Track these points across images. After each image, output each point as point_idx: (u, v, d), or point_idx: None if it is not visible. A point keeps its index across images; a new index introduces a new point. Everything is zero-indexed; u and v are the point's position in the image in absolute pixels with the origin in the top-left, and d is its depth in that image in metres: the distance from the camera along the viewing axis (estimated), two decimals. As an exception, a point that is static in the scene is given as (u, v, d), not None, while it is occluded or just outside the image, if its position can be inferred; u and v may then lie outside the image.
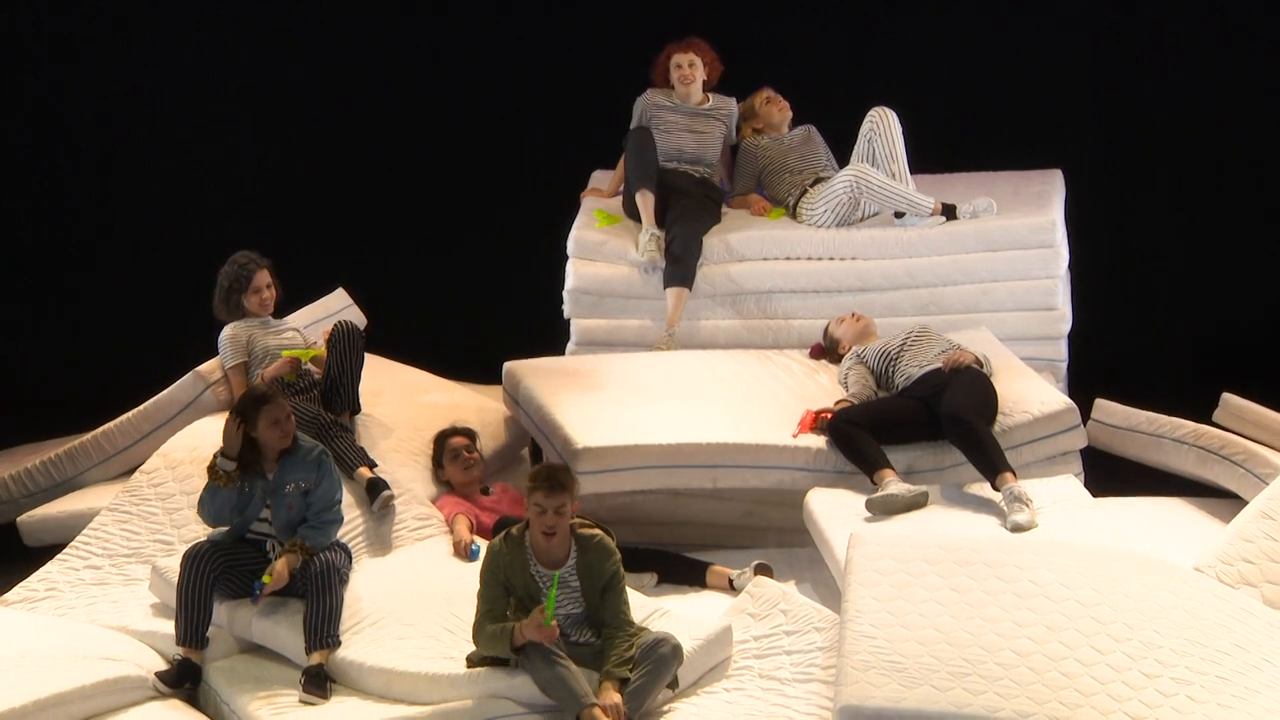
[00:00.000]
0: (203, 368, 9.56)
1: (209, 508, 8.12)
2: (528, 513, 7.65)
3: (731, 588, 8.61)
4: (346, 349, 9.21)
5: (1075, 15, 11.68)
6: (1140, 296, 11.34)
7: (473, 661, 7.65)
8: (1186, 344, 11.19)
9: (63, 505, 9.44)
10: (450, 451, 9.15)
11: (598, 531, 7.73)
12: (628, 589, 7.77)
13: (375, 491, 8.74)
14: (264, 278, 9.41)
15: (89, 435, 9.64)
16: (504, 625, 7.53)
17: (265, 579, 7.91)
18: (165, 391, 9.56)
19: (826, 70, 11.14)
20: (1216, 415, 9.38)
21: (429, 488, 9.16)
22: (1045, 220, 10.08)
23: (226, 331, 9.43)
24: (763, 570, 8.59)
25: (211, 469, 8.04)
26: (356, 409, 9.25)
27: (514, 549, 7.66)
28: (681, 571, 8.82)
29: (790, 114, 10.55)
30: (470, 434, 9.24)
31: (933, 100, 10.80)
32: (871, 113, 10.21)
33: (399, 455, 9.23)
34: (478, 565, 8.22)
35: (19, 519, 9.45)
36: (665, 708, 7.58)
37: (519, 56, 11.93)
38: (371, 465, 8.87)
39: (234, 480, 8.00)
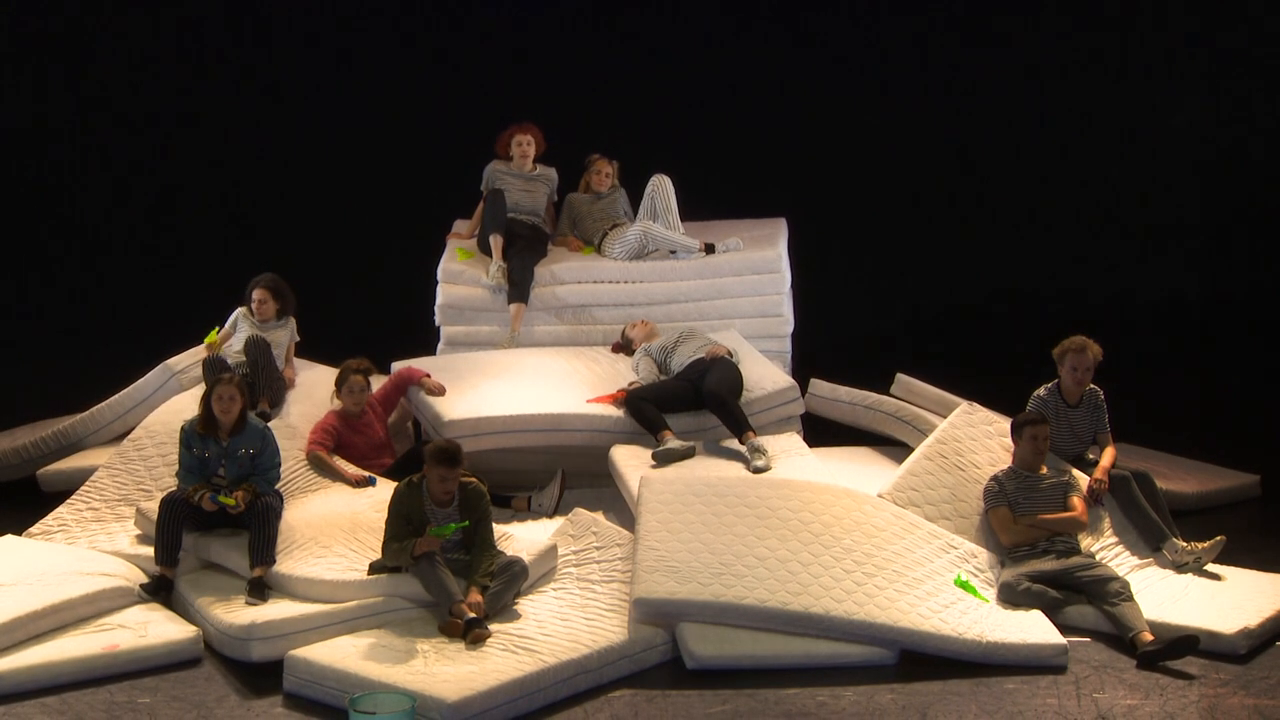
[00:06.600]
0: (169, 361, 9.35)
1: (180, 473, 8.03)
2: (429, 476, 7.57)
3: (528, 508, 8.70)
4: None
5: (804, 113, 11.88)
6: (842, 306, 11.28)
7: (373, 570, 7.59)
8: (874, 340, 11.16)
9: (70, 462, 9.28)
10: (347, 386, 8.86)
11: (474, 480, 7.74)
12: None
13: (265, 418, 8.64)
14: (257, 294, 9.23)
15: (87, 412, 9.44)
16: (404, 543, 7.52)
17: (227, 500, 7.80)
18: (141, 379, 9.34)
19: (627, 143, 10.92)
20: (894, 389, 9.46)
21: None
22: (774, 254, 10.09)
23: (236, 311, 9.32)
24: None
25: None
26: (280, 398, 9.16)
27: (413, 492, 7.64)
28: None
29: (610, 178, 10.32)
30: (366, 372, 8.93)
31: (698, 169, 10.71)
32: (653, 178, 10.13)
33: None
34: (371, 500, 8.20)
35: (38, 473, 9.30)
36: (512, 604, 7.60)
37: (405, 144, 11.91)
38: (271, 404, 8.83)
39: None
